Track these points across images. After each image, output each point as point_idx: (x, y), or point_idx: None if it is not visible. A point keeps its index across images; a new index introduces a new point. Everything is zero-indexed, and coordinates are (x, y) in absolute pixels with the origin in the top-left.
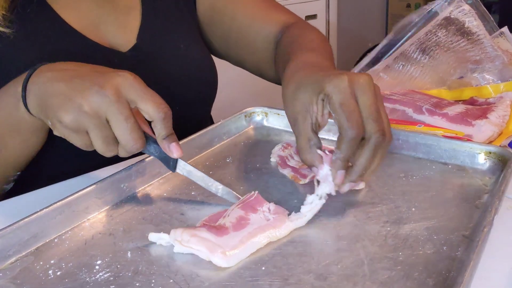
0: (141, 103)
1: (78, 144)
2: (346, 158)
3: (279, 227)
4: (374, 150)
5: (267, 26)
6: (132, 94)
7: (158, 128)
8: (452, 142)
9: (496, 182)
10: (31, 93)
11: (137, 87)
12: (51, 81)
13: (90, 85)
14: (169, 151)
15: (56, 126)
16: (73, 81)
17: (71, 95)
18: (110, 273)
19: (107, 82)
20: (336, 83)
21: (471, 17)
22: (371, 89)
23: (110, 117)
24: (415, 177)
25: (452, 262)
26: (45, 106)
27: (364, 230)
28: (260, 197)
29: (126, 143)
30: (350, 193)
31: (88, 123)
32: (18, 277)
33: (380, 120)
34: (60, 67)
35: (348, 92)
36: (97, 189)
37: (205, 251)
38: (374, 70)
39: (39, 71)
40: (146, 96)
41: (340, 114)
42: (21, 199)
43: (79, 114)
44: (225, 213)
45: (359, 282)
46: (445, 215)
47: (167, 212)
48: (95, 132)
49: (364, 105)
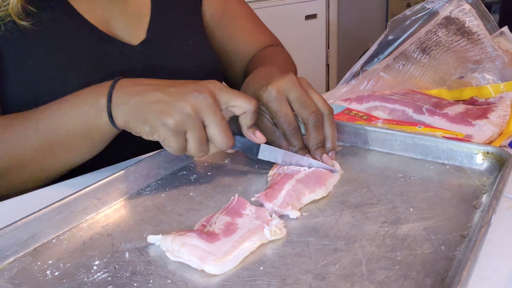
0: (233, 101)
1: (175, 147)
2: (300, 147)
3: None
4: (316, 128)
5: (254, 47)
6: (224, 96)
7: (248, 118)
8: (450, 143)
9: (494, 182)
10: (120, 104)
11: (226, 90)
12: (146, 92)
13: (189, 91)
14: (255, 138)
15: (158, 130)
16: (169, 89)
17: (173, 100)
18: (108, 273)
19: (203, 88)
20: (268, 93)
21: (472, 16)
22: (296, 85)
23: (207, 117)
24: (413, 177)
25: (450, 262)
26: (143, 114)
27: (362, 230)
28: (242, 199)
29: (220, 141)
30: (347, 193)
31: (189, 124)
32: (16, 277)
33: (311, 105)
34: (143, 82)
35: (278, 98)
36: (95, 189)
37: (197, 261)
38: (374, 69)
39: (123, 85)
40: (237, 94)
41: (277, 118)
42: (21, 199)
43: (182, 116)
44: (211, 220)
45: (357, 282)
46: (443, 215)
47: (165, 213)
48: (194, 132)
49: (293, 99)
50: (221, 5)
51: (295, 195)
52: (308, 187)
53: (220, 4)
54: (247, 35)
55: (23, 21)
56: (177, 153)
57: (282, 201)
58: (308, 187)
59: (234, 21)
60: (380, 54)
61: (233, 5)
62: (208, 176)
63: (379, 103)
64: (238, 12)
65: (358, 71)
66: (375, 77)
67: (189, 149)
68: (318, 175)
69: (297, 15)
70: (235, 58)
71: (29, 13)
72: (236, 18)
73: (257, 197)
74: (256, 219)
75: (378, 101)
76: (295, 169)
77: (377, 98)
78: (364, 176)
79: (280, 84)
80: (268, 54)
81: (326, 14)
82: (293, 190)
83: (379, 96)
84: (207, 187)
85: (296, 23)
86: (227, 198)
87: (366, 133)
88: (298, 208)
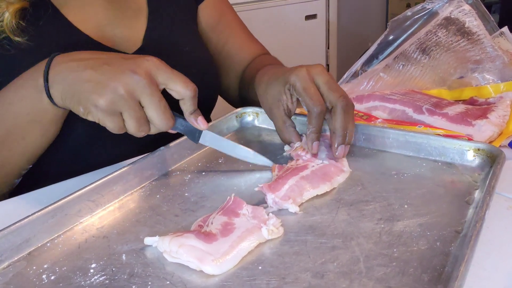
0: (171, 83)
1: (111, 127)
2: (317, 130)
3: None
4: (345, 112)
5: (249, 55)
6: (161, 77)
7: (188, 105)
8: (442, 140)
9: (486, 178)
10: (56, 83)
11: (165, 70)
12: (78, 69)
13: (122, 70)
14: (197, 125)
15: (91, 110)
16: (102, 68)
17: (105, 80)
18: (105, 276)
19: (138, 67)
20: (297, 73)
21: (472, 17)
22: (324, 72)
23: (143, 99)
24: (407, 174)
25: (446, 258)
26: (77, 93)
27: (359, 227)
28: (238, 199)
29: (159, 122)
30: (342, 191)
31: (122, 105)
32: (11, 282)
33: (339, 89)
34: (79, 56)
35: (308, 78)
36: (89, 192)
37: (195, 261)
38: (374, 69)
39: (58, 62)
40: (175, 77)
41: (305, 97)
42: (20, 199)
43: (114, 97)
44: (207, 221)
45: (355, 279)
46: (437, 212)
47: (161, 214)
48: (129, 113)
49: (322, 82)
50: (216, 12)
51: (298, 190)
52: (312, 183)
53: (216, 11)
54: (242, 42)
55: (18, 37)
56: (117, 132)
57: (284, 194)
58: (312, 183)
59: (228, 28)
60: (380, 54)
61: (228, 14)
62: (202, 176)
63: (379, 103)
64: (232, 21)
65: (358, 71)
66: (375, 77)
67: (128, 128)
68: (325, 172)
69: (297, 15)
70: (230, 64)
71: (23, 29)
72: (230, 26)
73: (260, 188)
74: (253, 219)
75: (378, 101)
76: (304, 164)
77: (377, 98)
78: (359, 173)
79: (309, 68)
80: (268, 59)
81: (326, 14)
82: (296, 186)
83: (379, 96)
84: (202, 187)
85: (296, 23)
86: (223, 198)
87: (358, 131)
88: (299, 203)
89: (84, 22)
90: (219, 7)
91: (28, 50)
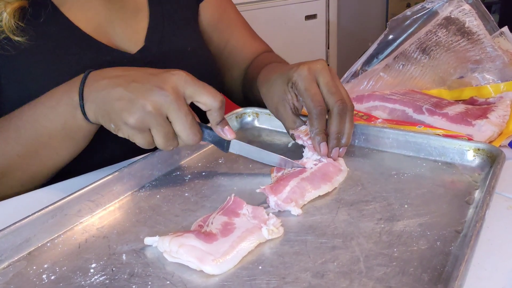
0: (198, 96)
1: (142, 143)
2: (321, 131)
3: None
4: (340, 116)
5: (252, 53)
6: (188, 90)
7: (214, 115)
8: (442, 140)
9: (486, 178)
10: (89, 101)
11: (192, 83)
12: (110, 87)
13: (149, 87)
14: (223, 135)
15: (121, 128)
16: (131, 85)
17: (133, 98)
18: (106, 276)
19: (165, 83)
20: (299, 72)
21: (472, 17)
22: (326, 70)
23: (170, 114)
24: (407, 174)
25: (446, 257)
26: (108, 111)
27: (359, 227)
28: (238, 199)
29: (186, 137)
30: (342, 191)
31: (151, 122)
32: (11, 282)
33: (338, 92)
34: (111, 73)
35: (309, 78)
36: (89, 192)
37: (195, 261)
38: (374, 69)
39: (92, 80)
40: (202, 89)
41: (305, 97)
42: (20, 199)
43: (142, 114)
44: (208, 221)
45: (356, 279)
46: (437, 211)
47: (161, 214)
48: (157, 129)
49: (323, 83)
50: (218, 11)
51: (299, 192)
52: (313, 184)
53: (217, 9)
54: (244, 41)
55: (18, 37)
56: (147, 147)
57: (286, 197)
58: (313, 184)
59: (230, 27)
60: (380, 54)
61: (229, 12)
62: (202, 176)
63: (379, 103)
64: (234, 19)
65: (358, 71)
66: (375, 77)
67: (156, 143)
68: (325, 173)
69: (297, 15)
70: (232, 63)
71: (23, 29)
72: (232, 24)
73: (262, 189)
74: (253, 219)
75: (378, 101)
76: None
77: (377, 98)
78: (358, 173)
79: (311, 66)
80: (270, 57)
81: (326, 14)
82: (298, 187)
83: (379, 96)
84: (202, 187)
85: (296, 23)
86: (223, 198)
87: (358, 131)
88: (300, 205)
89: (84, 21)
90: (220, 5)
91: (28, 50)
